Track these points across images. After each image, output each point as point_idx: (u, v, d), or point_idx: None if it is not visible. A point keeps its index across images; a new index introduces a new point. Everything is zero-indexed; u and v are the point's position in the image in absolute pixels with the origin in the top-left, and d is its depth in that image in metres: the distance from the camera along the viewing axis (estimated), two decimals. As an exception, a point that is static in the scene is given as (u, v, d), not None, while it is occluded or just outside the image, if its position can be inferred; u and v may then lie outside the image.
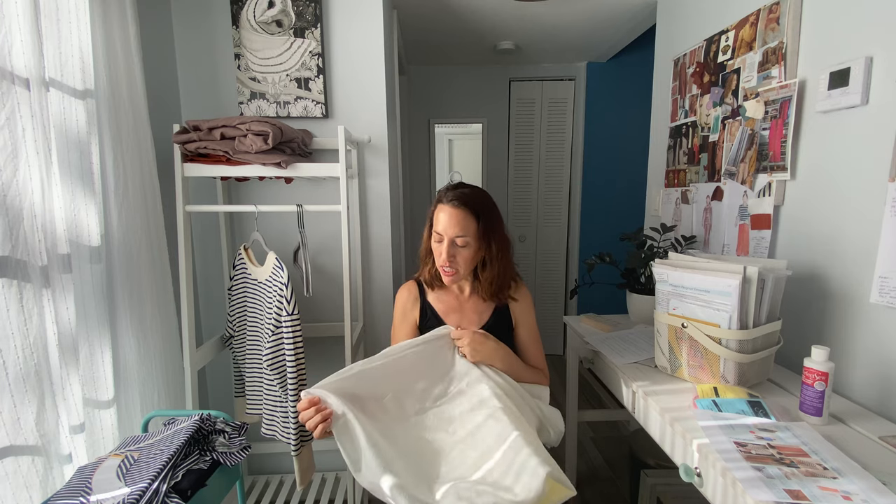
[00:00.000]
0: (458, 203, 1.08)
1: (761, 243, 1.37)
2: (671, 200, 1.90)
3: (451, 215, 1.08)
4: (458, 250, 1.10)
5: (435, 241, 1.12)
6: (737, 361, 1.06)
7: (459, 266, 1.11)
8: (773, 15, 1.31)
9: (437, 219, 1.11)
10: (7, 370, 0.85)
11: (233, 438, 1.07)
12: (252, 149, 1.30)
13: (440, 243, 1.11)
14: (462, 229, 1.08)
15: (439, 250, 1.11)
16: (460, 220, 1.08)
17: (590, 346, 1.49)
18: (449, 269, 1.11)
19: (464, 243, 1.09)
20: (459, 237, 1.08)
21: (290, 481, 1.84)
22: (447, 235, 1.09)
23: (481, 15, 2.28)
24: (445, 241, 1.09)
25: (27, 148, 0.91)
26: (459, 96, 3.24)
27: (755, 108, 1.37)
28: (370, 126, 1.71)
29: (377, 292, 1.82)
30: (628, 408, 1.23)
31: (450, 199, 1.09)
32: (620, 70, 3.07)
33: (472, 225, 1.09)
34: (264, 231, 1.53)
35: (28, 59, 0.92)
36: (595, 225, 3.23)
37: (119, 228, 1.19)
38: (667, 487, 1.44)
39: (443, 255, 1.09)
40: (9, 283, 0.86)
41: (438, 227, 1.10)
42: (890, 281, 0.98)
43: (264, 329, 1.41)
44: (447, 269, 1.11)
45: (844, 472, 0.76)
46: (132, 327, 1.22)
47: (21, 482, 0.88)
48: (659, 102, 2.04)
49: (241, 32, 1.62)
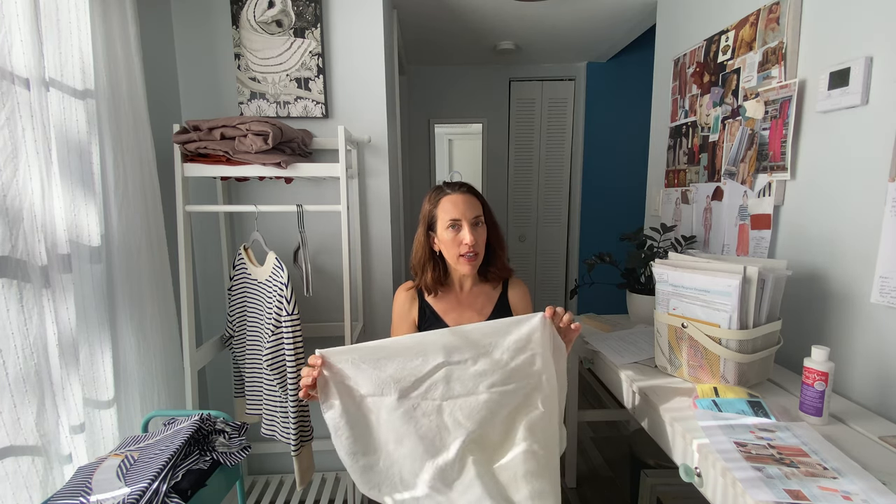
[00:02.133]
0: (464, 189, 1.15)
1: (761, 243, 1.37)
2: (671, 200, 1.90)
3: (463, 200, 1.13)
4: (477, 232, 1.13)
5: (447, 231, 1.13)
6: (737, 361, 1.06)
7: (479, 248, 1.14)
8: (773, 15, 1.31)
9: (447, 209, 1.12)
10: (7, 370, 0.85)
11: (233, 438, 1.07)
12: (252, 149, 1.30)
13: (456, 230, 1.12)
14: (476, 210, 1.14)
15: (458, 238, 1.12)
16: (472, 202, 1.14)
17: (590, 346, 1.49)
18: (471, 252, 1.12)
19: (480, 222, 1.14)
20: (477, 216, 1.13)
21: (290, 481, 1.84)
22: (466, 218, 1.11)
23: (481, 15, 2.28)
24: (465, 225, 1.11)
25: (27, 148, 0.91)
26: (459, 96, 3.24)
27: (755, 108, 1.37)
28: (370, 126, 1.71)
29: (377, 292, 1.82)
30: (628, 408, 1.23)
31: (455, 189, 1.15)
32: (620, 70, 3.07)
33: (479, 206, 1.15)
34: (264, 231, 1.53)
35: (28, 59, 0.92)
36: (595, 225, 3.23)
37: (119, 228, 1.19)
38: (667, 487, 1.44)
39: (466, 240, 1.11)
40: (9, 283, 0.86)
41: (454, 214, 1.11)
42: (890, 281, 0.98)
43: (264, 329, 1.41)
44: (470, 254, 1.12)
45: (844, 472, 0.76)
46: (132, 327, 1.22)
47: (21, 482, 0.88)
48: (659, 102, 2.04)
49: (241, 32, 1.62)
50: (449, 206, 1.12)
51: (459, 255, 1.13)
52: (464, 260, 1.13)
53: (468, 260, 1.13)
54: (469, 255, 1.12)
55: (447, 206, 1.12)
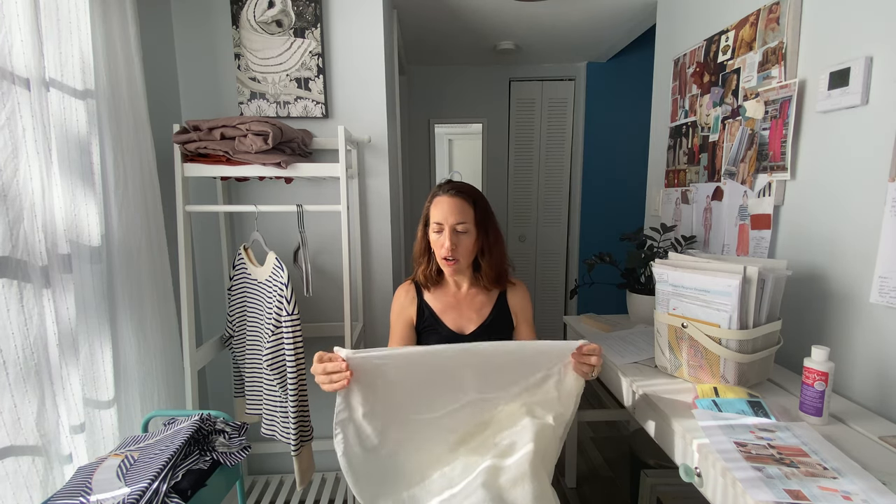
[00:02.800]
0: (455, 192, 1.12)
1: (761, 243, 1.37)
2: (671, 200, 1.90)
3: (450, 204, 1.11)
4: (459, 238, 1.11)
5: (434, 233, 1.13)
6: (737, 361, 1.06)
7: (460, 255, 1.12)
8: (773, 15, 1.31)
9: (435, 210, 1.12)
10: (7, 370, 0.85)
11: (233, 438, 1.07)
12: (252, 149, 1.30)
13: (440, 234, 1.12)
14: (462, 216, 1.11)
15: (440, 241, 1.11)
16: (459, 207, 1.11)
17: (590, 346, 1.49)
18: (451, 258, 1.11)
19: (464, 230, 1.11)
20: (460, 224, 1.10)
21: (290, 481, 1.84)
22: (448, 223, 1.10)
23: (481, 15, 2.28)
24: (447, 229, 1.10)
25: (27, 148, 0.91)
26: (459, 96, 3.24)
27: (755, 108, 1.37)
28: (370, 126, 1.71)
29: (377, 292, 1.82)
30: (628, 408, 1.23)
31: (446, 189, 1.13)
32: (620, 70, 3.07)
33: (469, 212, 1.12)
34: (264, 231, 1.53)
35: (28, 59, 0.92)
36: (595, 225, 3.23)
37: (119, 228, 1.19)
38: (667, 487, 1.44)
39: (445, 244, 1.10)
40: (9, 283, 0.86)
41: (438, 217, 1.11)
42: (890, 281, 0.98)
43: (264, 329, 1.41)
44: (449, 258, 1.11)
45: (844, 472, 0.76)
46: (132, 327, 1.22)
47: (21, 482, 0.88)
48: (659, 102, 2.04)
49: (241, 32, 1.62)
50: (438, 207, 1.12)
51: (441, 257, 1.13)
52: (444, 263, 1.13)
53: (448, 264, 1.13)
54: (448, 258, 1.11)
55: (437, 207, 1.12)
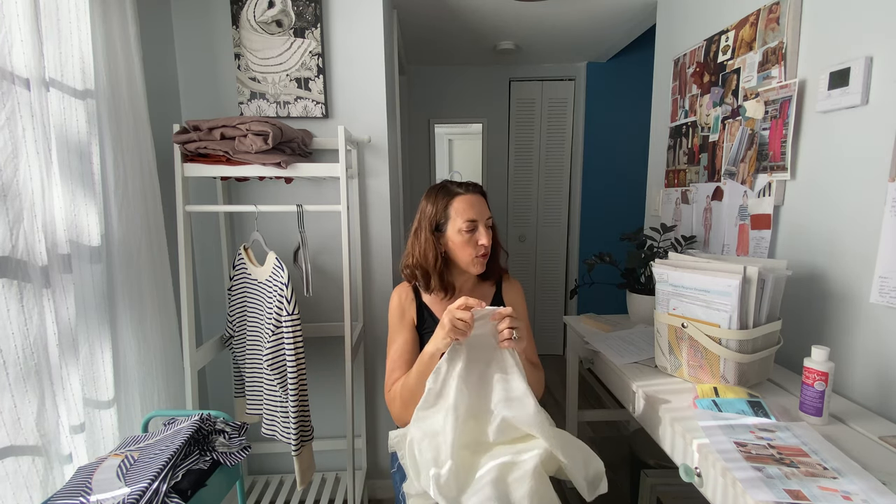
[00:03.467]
0: (474, 189, 1.16)
1: (761, 243, 1.37)
2: (671, 200, 1.90)
3: (478, 201, 1.14)
4: (490, 233, 1.15)
5: (465, 233, 1.12)
6: (737, 361, 1.06)
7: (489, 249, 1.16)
8: (773, 15, 1.31)
9: (463, 210, 1.12)
10: (7, 370, 0.85)
11: (233, 438, 1.07)
12: (252, 149, 1.30)
13: (472, 232, 1.13)
14: (488, 210, 1.16)
15: (473, 239, 1.13)
16: (484, 203, 1.16)
17: (590, 346, 1.49)
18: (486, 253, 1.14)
19: (492, 223, 1.16)
20: (490, 218, 1.16)
21: (290, 481, 1.84)
22: (482, 219, 1.13)
23: (481, 15, 2.28)
24: (481, 225, 1.13)
25: (27, 148, 0.91)
26: (459, 96, 3.24)
27: (755, 108, 1.37)
28: (370, 126, 1.71)
29: (377, 292, 1.82)
30: (628, 408, 1.23)
31: (467, 188, 1.16)
32: (620, 70, 3.07)
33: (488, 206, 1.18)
34: (264, 231, 1.53)
35: (28, 59, 0.92)
36: (595, 225, 3.23)
37: (119, 228, 1.19)
38: (667, 487, 1.44)
39: (484, 238, 1.12)
40: (9, 283, 0.86)
41: (470, 215, 1.12)
42: (890, 281, 0.98)
43: (264, 329, 1.41)
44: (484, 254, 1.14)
45: (844, 472, 0.76)
46: (132, 327, 1.22)
47: (21, 482, 0.88)
48: (659, 102, 2.04)
49: (241, 32, 1.62)
50: (465, 206, 1.12)
51: (476, 256, 1.13)
52: (479, 261, 1.14)
53: (483, 258, 1.14)
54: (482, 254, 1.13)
55: (462, 206, 1.12)
